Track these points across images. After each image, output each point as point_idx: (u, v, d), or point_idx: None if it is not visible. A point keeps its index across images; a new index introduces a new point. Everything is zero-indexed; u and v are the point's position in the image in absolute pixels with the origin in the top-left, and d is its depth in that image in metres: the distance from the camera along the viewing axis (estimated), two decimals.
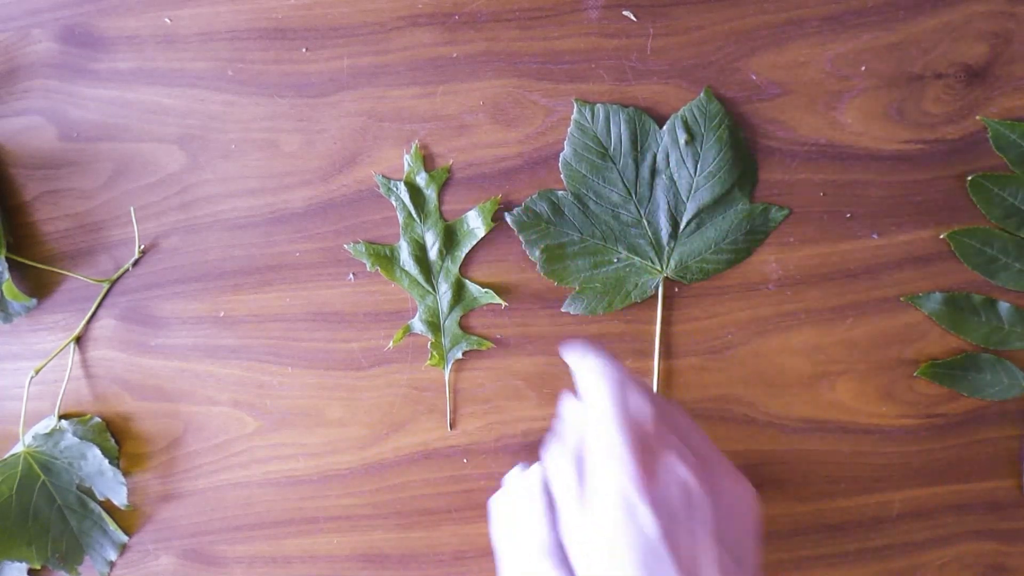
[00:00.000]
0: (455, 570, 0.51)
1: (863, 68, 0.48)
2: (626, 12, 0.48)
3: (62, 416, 0.52)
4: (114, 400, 0.52)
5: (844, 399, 0.49)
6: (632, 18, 0.48)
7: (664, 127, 0.48)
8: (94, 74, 0.50)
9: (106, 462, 0.50)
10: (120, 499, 0.50)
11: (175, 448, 0.52)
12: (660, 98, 0.48)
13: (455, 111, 0.49)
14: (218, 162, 0.50)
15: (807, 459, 0.50)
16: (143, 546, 0.52)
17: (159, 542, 0.52)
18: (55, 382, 0.52)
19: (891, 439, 0.49)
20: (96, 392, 0.52)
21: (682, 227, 0.48)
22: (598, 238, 0.49)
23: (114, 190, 0.51)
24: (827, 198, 0.48)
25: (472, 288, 0.49)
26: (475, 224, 0.49)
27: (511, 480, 0.38)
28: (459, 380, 0.50)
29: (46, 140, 0.51)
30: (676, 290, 0.49)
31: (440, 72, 0.49)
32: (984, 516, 0.50)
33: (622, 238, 0.49)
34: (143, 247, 0.51)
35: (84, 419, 0.51)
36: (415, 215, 0.49)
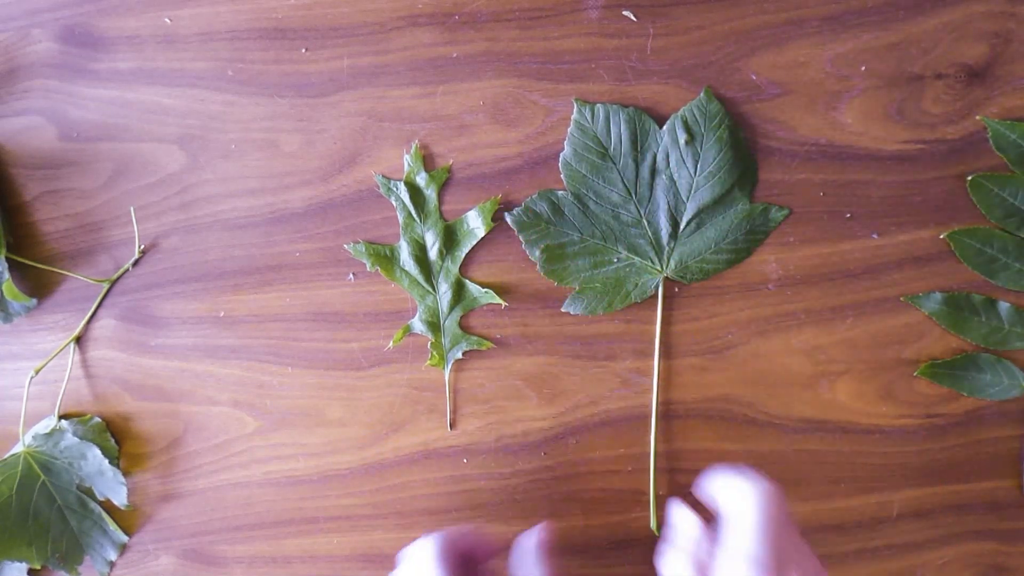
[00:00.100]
0: None
1: (863, 68, 0.48)
2: (626, 12, 0.48)
3: (62, 416, 0.52)
4: (114, 400, 0.52)
5: (844, 399, 0.49)
6: (632, 18, 0.48)
7: (664, 127, 0.48)
8: (94, 74, 0.50)
9: (106, 462, 0.50)
10: (120, 499, 0.50)
11: (175, 448, 0.52)
12: (660, 98, 0.48)
13: (455, 111, 0.49)
14: (218, 162, 0.50)
15: (807, 459, 0.50)
16: (143, 546, 0.53)
17: (159, 542, 0.52)
18: (55, 382, 0.52)
19: (891, 439, 0.49)
20: (96, 392, 0.52)
21: (682, 227, 0.48)
22: (598, 238, 0.49)
23: (114, 190, 0.51)
24: (827, 198, 0.48)
25: (472, 288, 0.49)
26: (475, 224, 0.49)
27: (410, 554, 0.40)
28: (459, 380, 0.50)
29: (46, 140, 0.51)
30: (676, 290, 0.49)
31: (440, 72, 0.49)
32: (984, 516, 0.50)
33: (622, 238, 0.49)
34: (143, 247, 0.51)
35: (84, 419, 0.51)
36: (415, 215, 0.49)
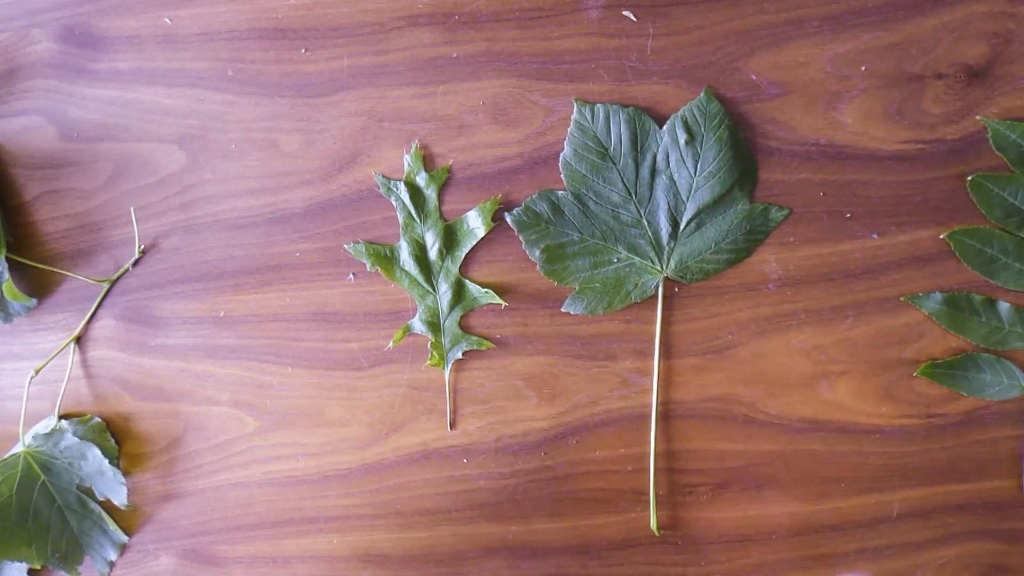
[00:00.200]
0: (455, 570, 0.51)
1: (863, 68, 0.48)
2: (626, 12, 0.48)
3: (62, 416, 0.52)
4: (114, 400, 0.52)
5: (844, 399, 0.49)
6: (632, 18, 0.48)
7: (664, 127, 0.48)
8: (94, 74, 0.50)
9: (106, 462, 0.50)
10: (120, 499, 0.50)
11: (175, 448, 0.52)
12: (660, 98, 0.48)
13: (455, 111, 0.49)
14: (218, 162, 0.50)
15: (807, 459, 0.50)
16: (143, 546, 0.53)
17: (159, 542, 0.52)
18: (55, 382, 0.52)
19: (891, 439, 0.49)
20: (96, 392, 0.52)
21: (682, 227, 0.48)
22: (598, 238, 0.49)
23: (114, 190, 0.51)
24: (827, 198, 0.48)
25: (472, 288, 0.49)
26: (475, 224, 0.49)
27: None
28: (459, 380, 0.50)
29: (46, 140, 0.51)
30: (676, 290, 0.49)
31: (440, 72, 0.49)
32: (984, 516, 0.50)
33: (622, 238, 0.49)
34: (143, 247, 0.51)
35: (84, 419, 0.51)
36: (415, 215, 0.49)
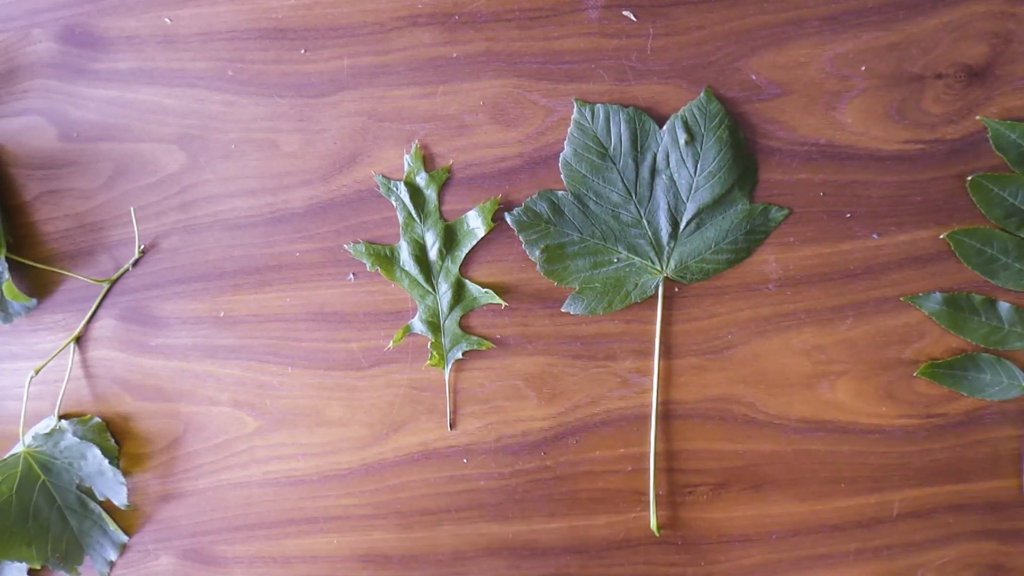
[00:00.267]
0: (455, 570, 0.51)
1: (863, 68, 0.48)
2: (626, 12, 0.48)
3: (62, 416, 0.52)
4: (114, 400, 0.52)
5: (844, 399, 0.49)
6: (632, 18, 0.48)
7: (664, 127, 0.48)
8: (94, 74, 0.50)
9: (106, 462, 0.50)
10: (120, 499, 0.50)
11: (175, 448, 0.52)
12: (660, 98, 0.48)
13: (455, 111, 0.49)
14: (218, 162, 0.50)
15: (807, 459, 0.50)
16: (143, 546, 0.53)
17: (159, 542, 0.52)
18: (55, 382, 0.52)
19: (891, 439, 0.49)
20: (96, 392, 0.52)
21: (682, 227, 0.48)
22: (598, 238, 0.49)
23: (114, 190, 0.51)
24: (827, 198, 0.48)
25: (472, 288, 0.49)
26: (475, 224, 0.49)
27: None
28: (459, 380, 0.50)
29: (46, 140, 0.51)
30: (676, 290, 0.49)
31: (440, 72, 0.49)
32: (984, 516, 0.50)
33: (622, 238, 0.49)
34: (143, 247, 0.51)
35: (84, 419, 0.51)
36: (415, 215, 0.49)
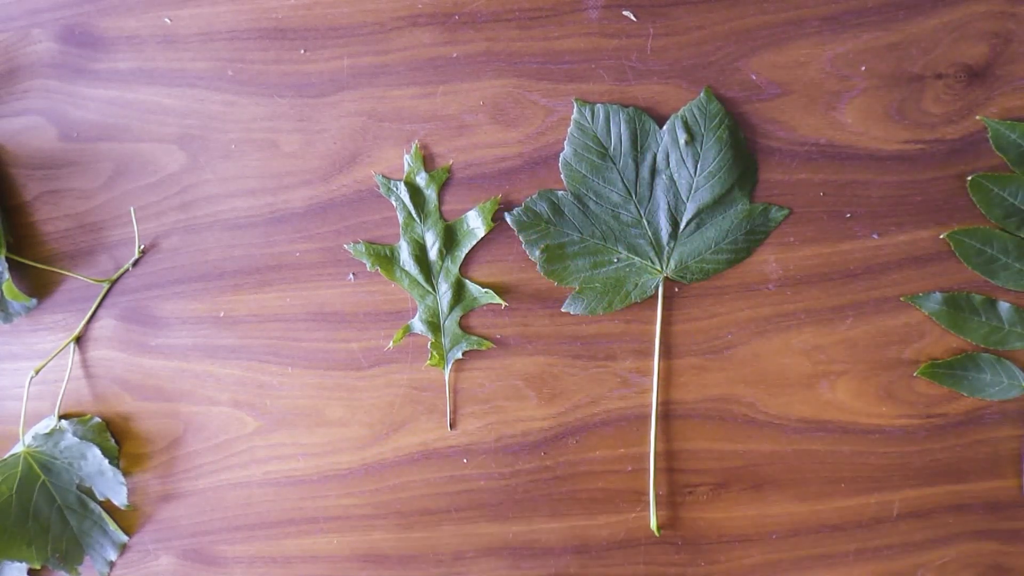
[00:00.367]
0: (455, 570, 0.51)
1: (863, 68, 0.48)
2: (626, 12, 0.48)
3: (62, 416, 0.52)
4: (114, 400, 0.52)
5: (844, 399, 0.49)
6: (632, 18, 0.48)
7: (664, 127, 0.48)
8: (94, 74, 0.50)
9: (106, 462, 0.50)
10: (120, 499, 0.50)
11: (175, 448, 0.52)
12: (660, 98, 0.48)
13: (455, 111, 0.49)
14: (218, 162, 0.50)
15: (807, 459, 0.50)
16: (143, 546, 0.53)
17: (159, 542, 0.52)
18: (55, 382, 0.52)
19: (891, 439, 0.49)
20: (96, 392, 0.52)
21: (682, 227, 0.48)
22: (598, 238, 0.49)
23: (114, 190, 0.51)
24: (827, 198, 0.48)
25: (472, 288, 0.49)
26: (475, 224, 0.49)
27: None
28: (459, 380, 0.50)
29: (46, 140, 0.51)
30: (676, 290, 0.49)
31: (440, 72, 0.49)
32: (984, 516, 0.50)
33: (622, 238, 0.49)
34: (143, 247, 0.51)
35: (84, 419, 0.51)
36: (415, 215, 0.49)
